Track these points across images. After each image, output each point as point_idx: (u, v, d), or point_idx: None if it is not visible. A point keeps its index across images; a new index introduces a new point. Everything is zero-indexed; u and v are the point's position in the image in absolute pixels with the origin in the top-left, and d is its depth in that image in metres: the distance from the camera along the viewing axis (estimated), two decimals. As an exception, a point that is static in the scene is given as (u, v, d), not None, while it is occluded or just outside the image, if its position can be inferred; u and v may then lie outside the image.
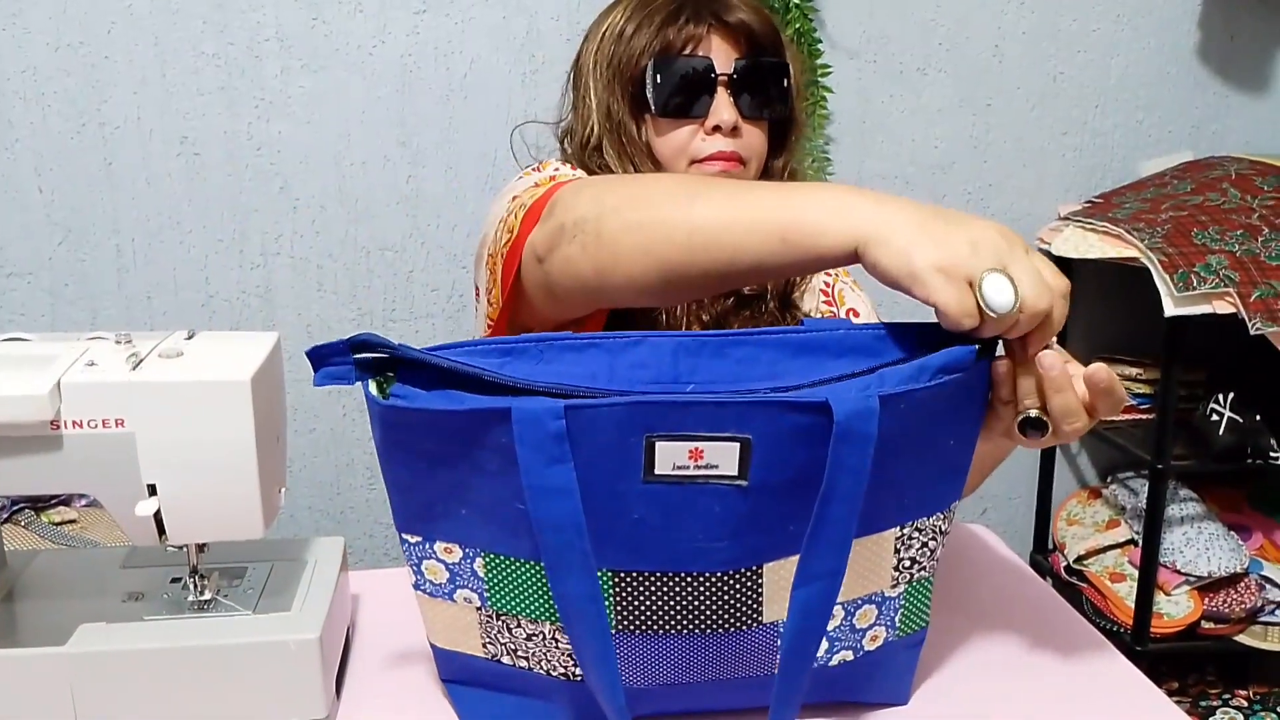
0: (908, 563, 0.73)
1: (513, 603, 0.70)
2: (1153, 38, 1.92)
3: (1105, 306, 2.00)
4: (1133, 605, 1.75)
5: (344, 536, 0.90)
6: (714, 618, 0.68)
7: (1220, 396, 1.73)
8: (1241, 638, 1.79)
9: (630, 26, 1.07)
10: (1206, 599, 1.76)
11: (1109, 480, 2.02)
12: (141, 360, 0.71)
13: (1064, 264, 1.91)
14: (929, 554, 0.74)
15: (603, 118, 1.08)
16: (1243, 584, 1.77)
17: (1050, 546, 2.06)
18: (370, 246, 1.81)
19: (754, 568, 0.67)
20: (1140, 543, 1.77)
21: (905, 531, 0.72)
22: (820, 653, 0.72)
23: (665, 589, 0.67)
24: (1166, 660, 1.93)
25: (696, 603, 0.67)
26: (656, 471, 0.63)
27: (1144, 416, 1.87)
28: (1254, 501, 1.97)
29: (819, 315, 1.17)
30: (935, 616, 0.80)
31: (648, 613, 0.68)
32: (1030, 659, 0.85)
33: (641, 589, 0.67)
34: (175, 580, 0.80)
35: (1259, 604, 1.77)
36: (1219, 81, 1.95)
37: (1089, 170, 1.96)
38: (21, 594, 0.80)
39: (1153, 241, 1.63)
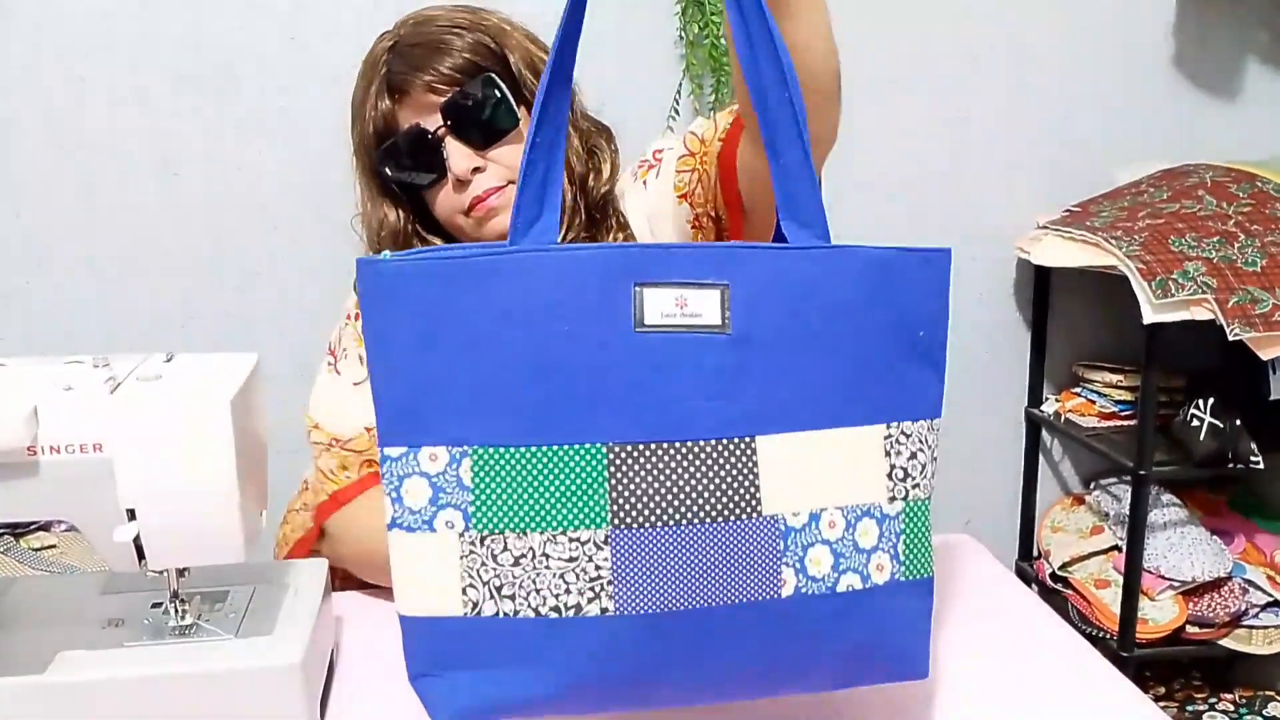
0: (900, 474, 0.72)
1: (501, 512, 0.67)
2: (1125, 47, 1.94)
3: (1085, 314, 2.01)
4: (1118, 611, 1.75)
5: (327, 559, 0.89)
6: (710, 499, 0.67)
7: (1200, 402, 1.74)
8: (1226, 641, 1.79)
9: (354, 113, 1.06)
10: (1191, 603, 1.77)
11: (1092, 487, 2.03)
12: (119, 384, 0.70)
13: (1044, 273, 1.92)
14: (920, 469, 0.73)
15: (371, 217, 1.07)
16: (1226, 588, 1.78)
17: (1035, 554, 2.07)
18: (351, 266, 1.80)
19: (747, 439, 0.68)
20: (1124, 549, 1.77)
21: (891, 432, 0.72)
22: (826, 570, 0.70)
23: (660, 463, 0.67)
24: (1152, 665, 1.94)
25: (691, 479, 0.67)
26: (646, 321, 0.66)
27: (1126, 423, 1.88)
28: (1235, 505, 1.98)
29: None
30: (921, 627, 0.80)
31: (644, 495, 0.66)
32: (1016, 666, 0.85)
33: (637, 464, 0.66)
34: (156, 605, 0.79)
35: (1243, 607, 1.78)
36: (1192, 89, 1.97)
37: (1066, 180, 1.97)
38: (0, 622, 0.79)
39: (1130, 249, 1.65)
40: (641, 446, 0.67)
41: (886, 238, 2.06)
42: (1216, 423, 1.71)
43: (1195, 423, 1.73)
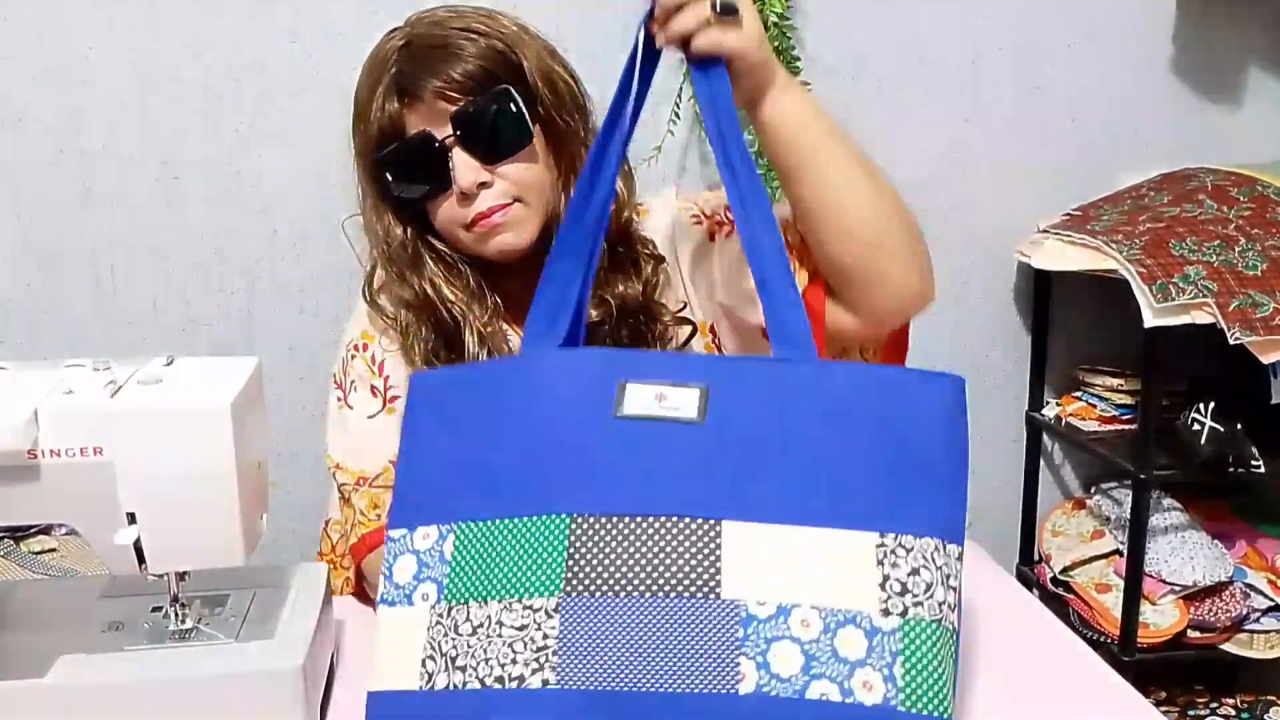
0: (896, 587, 0.67)
1: (469, 582, 0.69)
2: (1128, 51, 1.94)
3: (1085, 318, 2.01)
4: (1119, 615, 1.75)
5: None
6: (668, 574, 0.66)
7: (1201, 406, 1.73)
8: (1228, 646, 1.79)
9: (357, 112, 1.01)
10: (1192, 608, 1.77)
11: (1093, 491, 2.03)
12: (120, 387, 0.70)
13: (1044, 276, 1.92)
14: (924, 587, 0.68)
15: (377, 226, 1.03)
16: (1227, 592, 1.78)
17: (1036, 558, 2.06)
18: (352, 269, 1.80)
19: (712, 521, 0.67)
20: (1125, 553, 1.77)
21: (886, 542, 0.68)
22: (795, 670, 0.65)
23: (619, 535, 0.67)
24: (1153, 670, 1.93)
25: (649, 553, 0.66)
26: (625, 410, 0.71)
27: (1126, 427, 1.88)
28: (1236, 510, 1.98)
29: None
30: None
31: (599, 565, 0.66)
32: (1018, 671, 0.85)
33: (596, 535, 0.67)
34: (156, 609, 0.79)
35: (1244, 612, 1.78)
36: (1194, 93, 1.97)
37: (1067, 183, 1.97)
38: (0, 625, 0.79)
39: (1131, 253, 1.65)
40: (604, 519, 0.68)
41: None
42: (1217, 427, 1.71)
43: (1196, 427, 1.73)
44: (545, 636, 0.66)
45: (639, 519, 0.68)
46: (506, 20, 1.00)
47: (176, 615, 0.77)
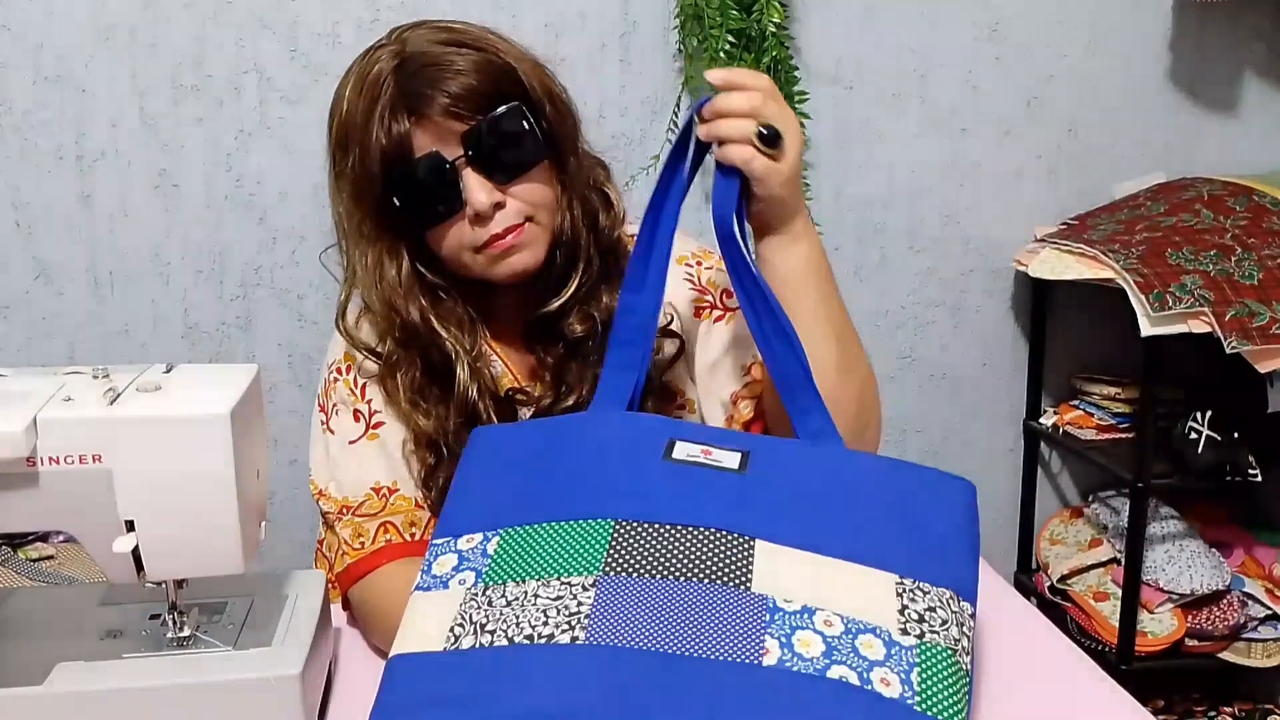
0: (915, 615, 0.70)
1: (509, 568, 0.71)
2: (1124, 62, 1.95)
3: (1083, 327, 2.01)
4: (1117, 624, 1.75)
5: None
6: (703, 565, 0.70)
7: (1199, 415, 1.74)
8: (1226, 655, 1.79)
9: (347, 133, 0.93)
10: (1190, 616, 1.77)
11: (1090, 499, 2.03)
12: (119, 395, 0.70)
13: (1042, 285, 1.93)
14: (940, 622, 0.71)
15: (365, 257, 0.98)
16: (1225, 601, 1.78)
17: (1034, 567, 2.07)
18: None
19: (747, 538, 0.72)
20: (1123, 561, 1.77)
21: (905, 584, 0.72)
22: (816, 654, 0.67)
23: (659, 536, 0.72)
24: (1152, 678, 1.93)
25: (685, 551, 0.71)
26: (673, 457, 0.77)
27: (1124, 435, 1.88)
28: (1233, 518, 1.98)
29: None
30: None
31: (641, 554, 0.71)
32: (1016, 679, 0.85)
33: (638, 535, 0.72)
34: (154, 617, 0.79)
35: (1242, 620, 1.78)
36: (1190, 103, 1.98)
37: (1064, 193, 1.98)
38: (-3, 633, 0.79)
39: (1128, 262, 1.65)
40: (647, 525, 0.73)
41: (884, 250, 2.07)
42: (1215, 435, 1.71)
43: (1193, 435, 1.73)
44: (580, 604, 0.68)
45: (679, 527, 0.72)
46: (494, 35, 0.97)
47: (175, 623, 0.77)
